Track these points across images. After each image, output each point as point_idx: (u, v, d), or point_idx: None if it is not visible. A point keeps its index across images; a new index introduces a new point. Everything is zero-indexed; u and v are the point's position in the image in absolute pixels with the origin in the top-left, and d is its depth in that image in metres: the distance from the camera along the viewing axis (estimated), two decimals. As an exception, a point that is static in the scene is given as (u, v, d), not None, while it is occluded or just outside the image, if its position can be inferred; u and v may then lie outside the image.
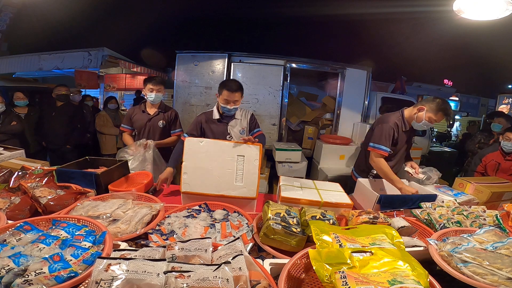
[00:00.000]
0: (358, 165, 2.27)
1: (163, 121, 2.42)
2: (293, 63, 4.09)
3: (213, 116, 2.04)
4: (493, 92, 9.99)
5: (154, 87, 2.33)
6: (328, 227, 1.00)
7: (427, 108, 1.87)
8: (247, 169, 1.52)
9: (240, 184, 1.50)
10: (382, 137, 1.93)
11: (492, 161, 2.54)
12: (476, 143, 3.85)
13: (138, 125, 2.42)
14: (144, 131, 2.41)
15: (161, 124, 2.42)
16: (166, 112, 2.46)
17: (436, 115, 1.84)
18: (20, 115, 3.35)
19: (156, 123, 2.41)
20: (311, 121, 4.68)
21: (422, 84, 8.21)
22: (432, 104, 1.85)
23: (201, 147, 1.55)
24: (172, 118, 2.48)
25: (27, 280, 0.67)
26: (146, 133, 2.41)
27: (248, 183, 1.50)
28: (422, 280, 0.70)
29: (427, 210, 1.37)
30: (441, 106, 1.83)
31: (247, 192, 1.48)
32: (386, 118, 2.03)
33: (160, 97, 2.39)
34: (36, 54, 4.85)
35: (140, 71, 5.78)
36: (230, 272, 0.70)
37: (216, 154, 1.53)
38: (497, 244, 0.92)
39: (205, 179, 1.50)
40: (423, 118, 1.87)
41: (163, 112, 2.44)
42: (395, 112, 2.07)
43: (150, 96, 2.35)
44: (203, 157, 1.53)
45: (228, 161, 1.52)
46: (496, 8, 1.91)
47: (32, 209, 1.26)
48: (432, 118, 1.85)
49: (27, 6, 5.34)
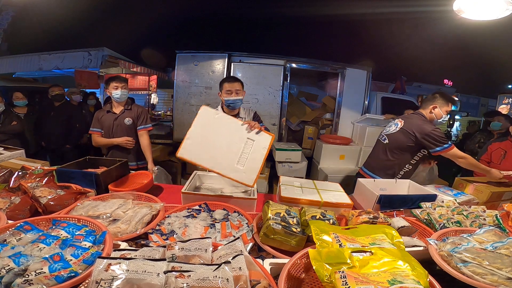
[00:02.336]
0: (372, 163, 2.26)
1: (129, 119, 2.39)
2: (293, 63, 4.09)
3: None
4: (493, 92, 9.98)
5: (118, 84, 2.30)
6: (328, 227, 1.00)
7: (439, 104, 2.03)
8: (253, 155, 1.46)
9: (241, 167, 1.44)
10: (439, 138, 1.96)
11: (499, 149, 2.55)
12: (476, 143, 3.87)
13: (105, 126, 2.39)
14: (111, 131, 2.38)
15: (128, 121, 2.38)
16: (132, 109, 2.43)
17: (449, 106, 2.04)
18: (20, 115, 3.35)
19: (122, 121, 2.38)
20: (311, 121, 4.68)
21: (422, 84, 8.21)
22: (441, 99, 2.03)
23: (214, 120, 1.51)
24: (139, 114, 2.43)
25: (27, 280, 0.67)
26: (113, 132, 2.38)
27: (249, 169, 1.44)
28: (422, 280, 0.70)
29: (427, 210, 1.37)
30: (447, 97, 2.04)
31: (245, 178, 1.42)
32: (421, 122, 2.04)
33: (126, 94, 2.36)
34: (36, 54, 4.84)
35: (140, 71, 5.77)
36: (230, 272, 0.70)
37: (227, 131, 1.49)
38: (497, 244, 0.92)
39: (207, 151, 1.44)
40: (442, 114, 2.03)
41: (129, 109, 2.41)
42: (413, 116, 2.13)
43: (116, 94, 2.30)
44: (212, 129, 1.48)
45: (236, 141, 1.48)
46: (496, 8, 1.91)
47: (32, 209, 1.26)
48: (448, 110, 2.04)
49: (27, 6, 5.34)
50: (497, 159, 2.53)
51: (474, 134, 4.20)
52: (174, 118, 4.35)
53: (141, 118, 2.43)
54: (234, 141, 1.48)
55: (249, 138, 1.50)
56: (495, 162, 2.55)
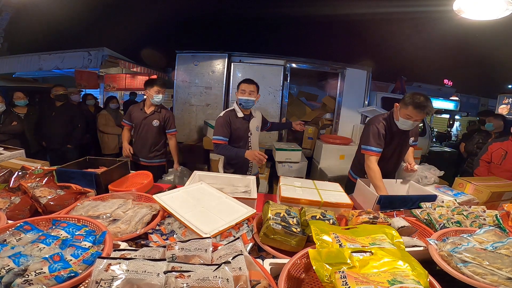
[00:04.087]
0: (355, 165, 2.26)
1: (157, 121, 2.59)
2: (293, 63, 4.09)
3: (237, 114, 2.17)
4: (493, 92, 9.97)
5: (160, 89, 2.52)
6: (328, 227, 1.00)
7: (400, 105, 1.81)
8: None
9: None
10: (370, 137, 1.90)
11: (500, 149, 2.53)
12: (475, 144, 3.85)
13: (135, 122, 2.63)
14: (139, 128, 2.61)
15: (155, 123, 2.59)
16: (161, 112, 2.62)
17: (407, 110, 1.74)
18: (20, 115, 3.35)
19: (150, 121, 2.58)
20: (311, 121, 4.68)
21: (422, 84, 8.20)
22: (403, 100, 1.78)
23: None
24: (167, 118, 2.64)
25: (27, 280, 0.67)
26: (141, 130, 2.60)
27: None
28: (422, 280, 0.70)
29: (427, 210, 1.37)
30: (408, 99, 1.73)
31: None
32: (373, 118, 2.02)
33: (163, 99, 2.58)
34: (36, 54, 4.84)
35: (140, 71, 5.77)
36: (230, 272, 0.70)
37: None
38: (497, 244, 0.92)
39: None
40: (399, 116, 1.82)
41: (158, 112, 2.60)
42: (385, 112, 2.06)
43: (157, 97, 2.51)
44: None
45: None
46: (496, 8, 1.91)
47: (32, 209, 1.26)
48: (407, 115, 1.76)
49: (27, 6, 5.34)
50: (497, 159, 2.52)
51: (473, 135, 4.18)
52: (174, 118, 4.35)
53: (169, 122, 2.65)
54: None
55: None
56: (495, 162, 2.54)
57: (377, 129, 1.90)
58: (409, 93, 1.81)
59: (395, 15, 6.07)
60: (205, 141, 3.82)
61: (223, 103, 4.10)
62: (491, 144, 2.65)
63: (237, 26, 9.83)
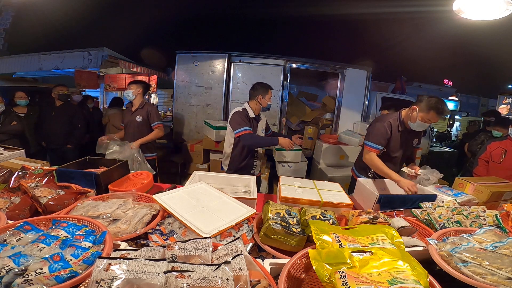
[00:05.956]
0: (358, 163, 2.28)
1: (140, 116, 2.80)
2: (293, 63, 4.09)
3: (249, 115, 2.26)
4: (493, 92, 9.98)
5: (131, 85, 2.81)
6: (328, 227, 1.00)
7: (419, 107, 1.84)
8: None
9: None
10: (373, 134, 1.98)
11: (498, 148, 2.53)
12: (479, 143, 3.73)
13: (125, 122, 2.89)
14: (127, 126, 2.85)
15: (139, 118, 2.80)
16: (144, 108, 2.83)
17: (428, 114, 1.80)
18: (20, 115, 3.35)
19: (135, 118, 2.80)
20: (311, 121, 4.69)
21: (422, 84, 8.22)
22: (423, 103, 1.81)
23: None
24: (149, 112, 2.82)
25: (27, 280, 0.67)
26: (128, 127, 2.84)
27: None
28: (422, 280, 0.70)
29: (427, 210, 1.37)
30: (431, 104, 1.78)
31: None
32: (381, 117, 2.08)
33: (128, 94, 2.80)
34: (36, 54, 4.84)
35: (140, 71, 5.76)
36: (230, 272, 0.70)
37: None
38: (497, 244, 0.92)
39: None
40: (417, 118, 1.86)
41: (141, 108, 2.83)
42: (394, 112, 2.09)
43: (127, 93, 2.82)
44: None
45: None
46: (496, 8, 1.91)
47: (32, 209, 1.26)
48: (425, 118, 1.82)
49: (27, 6, 5.34)
50: (497, 158, 2.52)
51: (477, 134, 4.09)
52: (174, 118, 4.35)
53: (151, 116, 2.83)
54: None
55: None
56: (495, 161, 2.54)
57: (382, 128, 1.96)
58: (427, 97, 1.83)
59: (395, 15, 6.06)
60: (205, 141, 3.82)
61: (223, 103, 4.10)
62: (489, 144, 2.65)
63: (237, 26, 9.83)
